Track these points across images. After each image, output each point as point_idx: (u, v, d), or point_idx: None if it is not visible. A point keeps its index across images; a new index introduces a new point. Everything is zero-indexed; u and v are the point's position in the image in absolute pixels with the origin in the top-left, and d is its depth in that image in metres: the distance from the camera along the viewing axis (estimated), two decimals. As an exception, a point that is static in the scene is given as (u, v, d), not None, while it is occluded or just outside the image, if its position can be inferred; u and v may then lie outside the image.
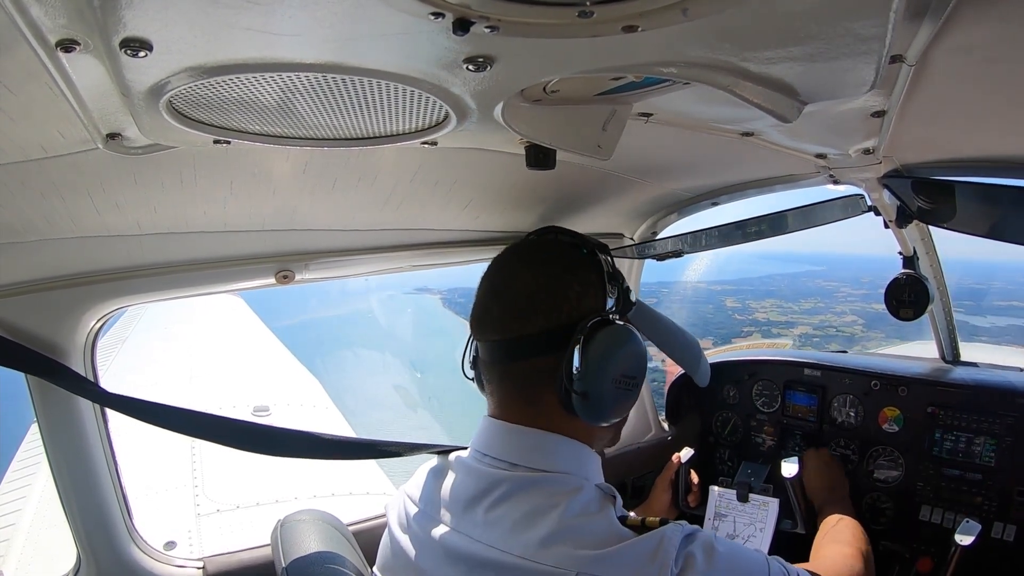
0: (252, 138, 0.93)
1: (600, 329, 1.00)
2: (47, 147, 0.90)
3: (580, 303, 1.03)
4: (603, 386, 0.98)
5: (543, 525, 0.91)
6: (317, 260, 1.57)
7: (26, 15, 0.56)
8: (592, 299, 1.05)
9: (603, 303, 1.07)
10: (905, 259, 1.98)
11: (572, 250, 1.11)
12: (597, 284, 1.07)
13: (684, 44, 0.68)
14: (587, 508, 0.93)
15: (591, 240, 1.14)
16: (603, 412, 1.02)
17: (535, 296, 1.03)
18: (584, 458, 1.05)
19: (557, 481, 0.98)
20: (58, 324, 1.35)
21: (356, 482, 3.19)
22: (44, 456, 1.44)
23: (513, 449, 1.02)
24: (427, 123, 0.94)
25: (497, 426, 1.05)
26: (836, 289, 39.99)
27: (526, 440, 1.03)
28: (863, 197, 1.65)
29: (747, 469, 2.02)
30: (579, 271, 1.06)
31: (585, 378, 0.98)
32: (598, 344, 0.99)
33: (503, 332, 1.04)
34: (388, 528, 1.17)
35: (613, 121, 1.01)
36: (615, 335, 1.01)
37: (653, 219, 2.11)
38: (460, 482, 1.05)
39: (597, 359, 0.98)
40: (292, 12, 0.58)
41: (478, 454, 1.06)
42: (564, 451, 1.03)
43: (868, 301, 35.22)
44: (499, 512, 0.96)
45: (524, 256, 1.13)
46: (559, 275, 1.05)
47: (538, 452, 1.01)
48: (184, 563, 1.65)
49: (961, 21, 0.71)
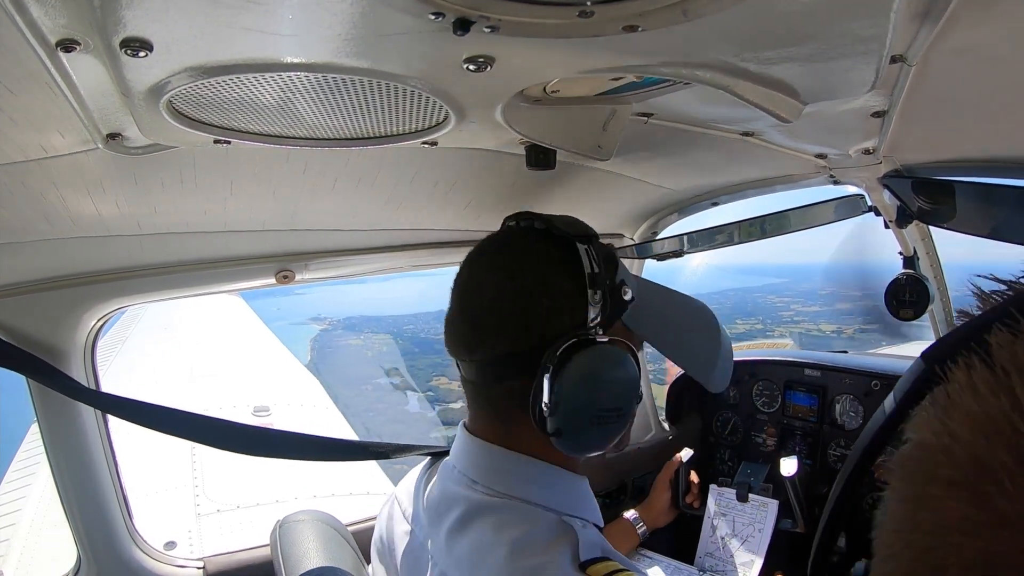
0: (252, 138, 0.93)
1: (574, 354, 0.82)
2: (47, 147, 0.90)
3: (551, 319, 0.85)
4: (578, 422, 0.83)
5: (487, 566, 0.81)
6: (317, 260, 1.57)
7: (26, 15, 0.56)
8: (567, 313, 0.85)
9: (582, 316, 0.85)
10: (905, 259, 1.98)
11: (546, 246, 0.89)
12: (574, 293, 0.86)
13: (684, 44, 0.68)
14: (533, 548, 0.80)
15: (564, 227, 0.90)
16: (581, 447, 0.87)
17: (499, 311, 0.87)
18: (555, 483, 0.91)
19: (512, 510, 0.87)
20: (58, 324, 1.35)
21: (356, 482, 3.19)
22: (44, 456, 1.45)
23: (475, 466, 0.93)
24: (427, 123, 0.94)
25: (466, 439, 0.96)
26: (785, 306, 38.74)
27: (489, 459, 0.92)
28: (863, 197, 1.65)
29: (747, 469, 2.02)
30: (552, 277, 0.87)
31: (557, 412, 0.82)
32: (570, 374, 0.81)
33: (468, 352, 0.91)
34: (377, 527, 1.14)
35: (613, 121, 1.01)
36: (592, 362, 0.83)
37: (653, 219, 2.10)
38: (434, 493, 0.99)
39: (570, 392, 0.82)
40: (292, 12, 0.58)
41: (450, 464, 0.99)
42: (529, 474, 0.90)
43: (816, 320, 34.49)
44: (454, 541, 0.89)
45: (490, 256, 0.94)
46: (527, 285, 0.86)
47: (499, 474, 0.91)
48: (184, 563, 1.65)
49: (961, 21, 0.71)
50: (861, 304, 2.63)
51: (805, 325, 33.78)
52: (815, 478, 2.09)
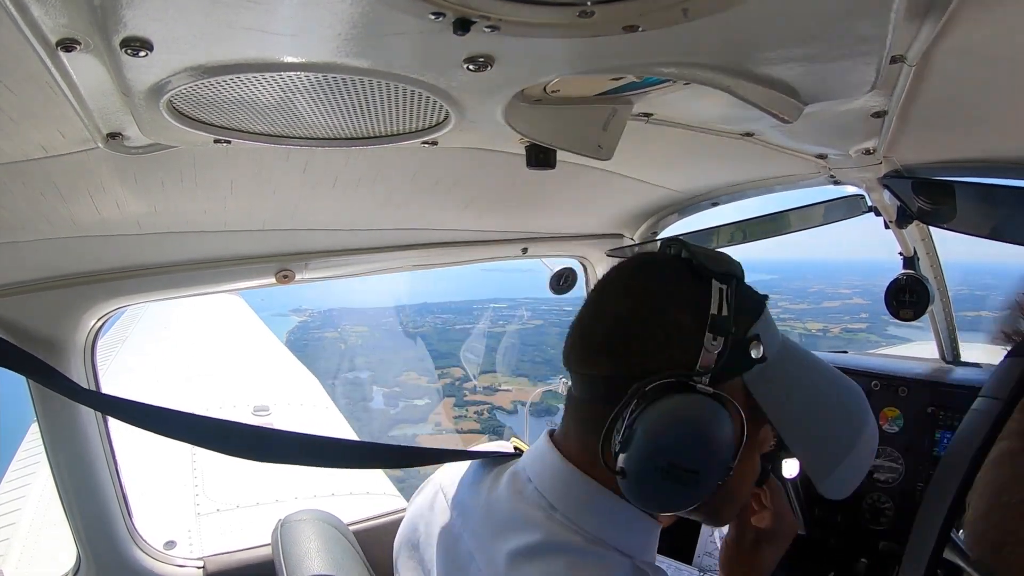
0: (252, 138, 0.93)
1: (664, 396, 0.74)
2: (47, 147, 0.90)
3: (658, 353, 0.78)
4: (644, 471, 0.75)
5: None
6: (317, 260, 1.57)
7: (26, 14, 0.56)
8: (677, 350, 0.77)
9: (692, 357, 0.76)
10: (905, 260, 1.98)
11: (677, 276, 0.82)
12: (691, 333, 0.77)
13: (684, 44, 0.68)
14: None
15: (709, 261, 0.82)
16: (643, 498, 0.79)
17: (611, 331, 0.82)
18: (633, 525, 0.85)
19: (590, 553, 0.80)
20: (58, 324, 1.35)
21: (356, 482, 3.19)
22: (44, 456, 1.45)
23: (557, 488, 0.86)
24: (427, 123, 0.94)
25: (550, 452, 0.89)
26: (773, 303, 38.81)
27: (572, 484, 0.85)
28: (863, 197, 1.65)
29: None
30: (672, 309, 0.79)
31: (626, 453, 0.76)
32: (648, 416, 0.74)
33: (576, 364, 0.86)
34: (411, 511, 1.07)
35: (613, 121, 1.01)
36: (677, 409, 0.74)
37: (653, 219, 2.11)
38: (501, 505, 0.90)
39: (642, 435, 0.74)
40: (292, 12, 0.58)
41: (526, 476, 0.90)
42: (611, 512, 0.83)
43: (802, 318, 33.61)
44: (519, 567, 0.82)
45: (627, 275, 0.88)
46: (644, 312, 0.80)
47: (581, 505, 0.84)
48: (184, 563, 1.65)
49: (962, 21, 0.71)
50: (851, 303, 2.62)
51: (791, 323, 33.31)
52: None
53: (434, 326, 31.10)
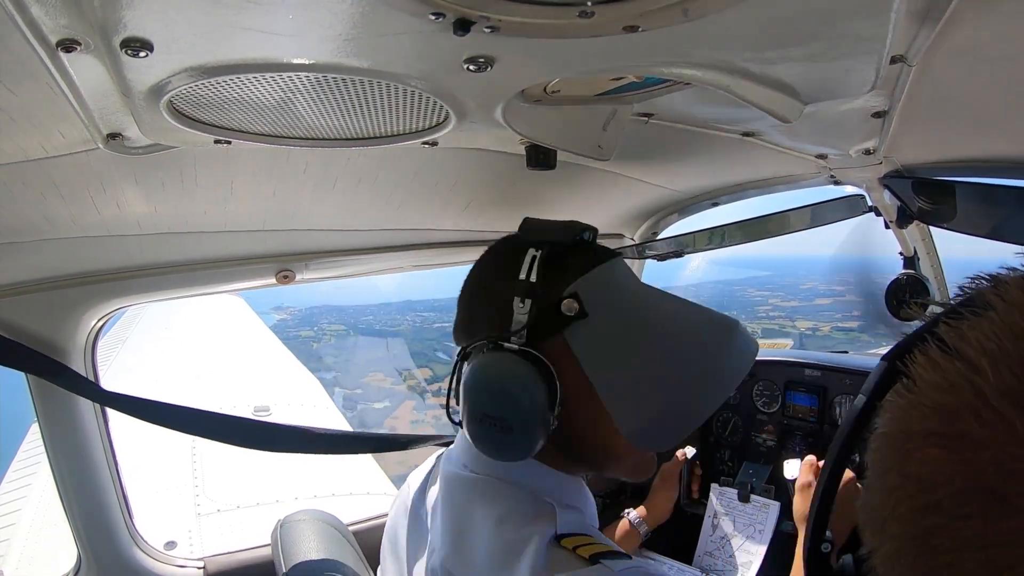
0: (252, 138, 0.93)
1: (477, 355, 0.85)
2: (47, 147, 0.90)
3: (483, 320, 0.87)
4: (467, 420, 0.85)
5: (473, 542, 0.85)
6: (317, 260, 1.57)
7: (26, 14, 0.56)
8: (496, 315, 0.85)
9: (508, 319, 0.84)
10: (906, 259, 1.98)
11: (506, 249, 0.91)
12: (504, 295, 0.84)
13: (684, 44, 0.68)
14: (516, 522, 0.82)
15: (528, 235, 0.90)
16: (480, 447, 0.86)
17: (461, 312, 0.93)
18: (537, 474, 0.90)
19: (496, 489, 0.89)
20: (58, 324, 1.35)
21: (356, 482, 3.19)
22: (44, 455, 1.45)
23: (466, 451, 0.95)
24: (427, 123, 0.94)
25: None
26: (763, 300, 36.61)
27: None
28: (863, 197, 1.65)
29: (748, 469, 2.02)
30: (494, 283, 0.88)
31: (461, 409, 0.87)
32: (466, 374, 0.85)
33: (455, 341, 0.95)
34: (391, 514, 1.15)
35: (613, 121, 1.01)
36: (482, 365, 0.83)
37: (653, 219, 2.11)
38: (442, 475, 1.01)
39: (461, 391, 0.85)
40: (292, 12, 0.58)
41: (452, 449, 1.02)
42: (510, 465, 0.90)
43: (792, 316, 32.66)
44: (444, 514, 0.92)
45: (479, 260, 0.97)
46: (476, 290, 0.92)
47: (483, 459, 0.91)
48: (184, 563, 1.65)
49: (962, 21, 0.71)
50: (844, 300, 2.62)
51: (780, 321, 32.52)
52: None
53: (413, 324, 30.53)
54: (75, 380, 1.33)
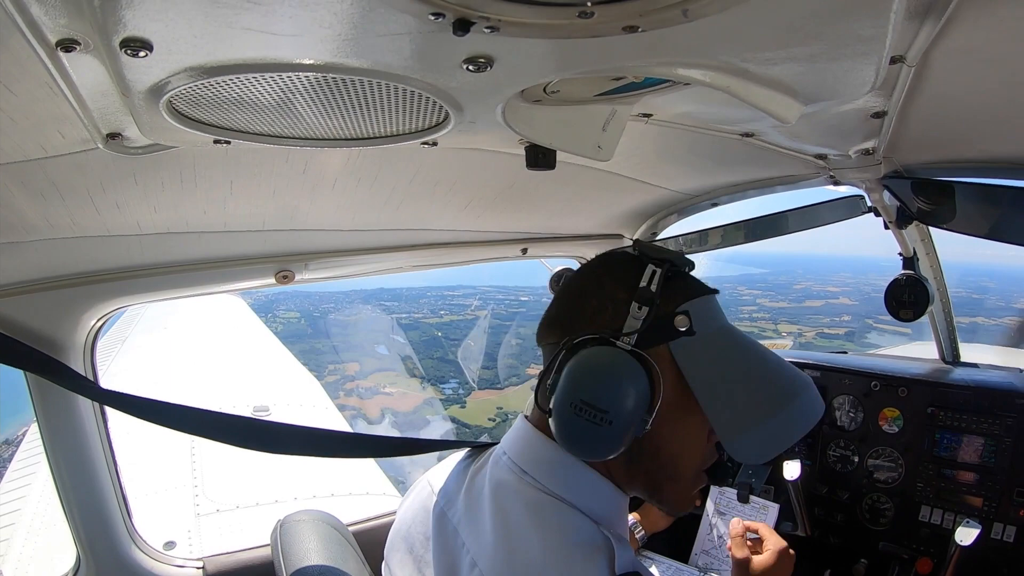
0: (252, 138, 0.93)
1: (584, 347, 0.88)
2: (47, 147, 0.90)
3: (594, 319, 0.91)
4: (561, 407, 0.86)
5: (523, 564, 0.85)
6: (317, 260, 1.57)
7: (26, 14, 0.56)
8: (608, 316, 0.90)
9: (620, 322, 0.89)
10: (905, 260, 1.98)
11: (624, 261, 0.96)
12: (621, 300, 0.90)
13: (684, 44, 0.68)
14: (572, 554, 0.84)
15: (655, 251, 0.94)
16: (564, 438, 0.88)
17: (564, 306, 0.97)
18: (595, 490, 0.93)
19: (558, 513, 0.90)
20: (58, 324, 1.35)
21: (356, 482, 3.19)
22: (44, 456, 1.45)
23: (526, 454, 0.97)
24: (427, 123, 0.94)
25: (522, 427, 1.00)
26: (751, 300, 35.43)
27: (538, 448, 0.96)
28: (863, 198, 1.65)
29: (748, 470, 2.02)
30: (608, 284, 0.93)
31: (554, 394, 0.88)
32: (572, 362, 0.87)
33: (540, 338, 1.00)
34: (401, 511, 1.14)
35: (613, 121, 1.01)
36: (594, 356, 0.86)
37: (653, 219, 2.11)
38: (480, 481, 1.01)
39: (564, 376, 0.87)
40: (292, 12, 0.58)
41: (502, 451, 1.01)
42: (570, 473, 0.93)
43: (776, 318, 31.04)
44: (494, 531, 0.91)
45: (582, 268, 1.04)
46: (586, 288, 0.95)
47: (546, 465, 0.94)
48: (184, 563, 1.65)
49: (961, 22, 0.72)
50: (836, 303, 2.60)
51: (762, 323, 31.36)
52: (815, 479, 2.09)
53: (371, 314, 29.08)
54: (75, 379, 1.33)
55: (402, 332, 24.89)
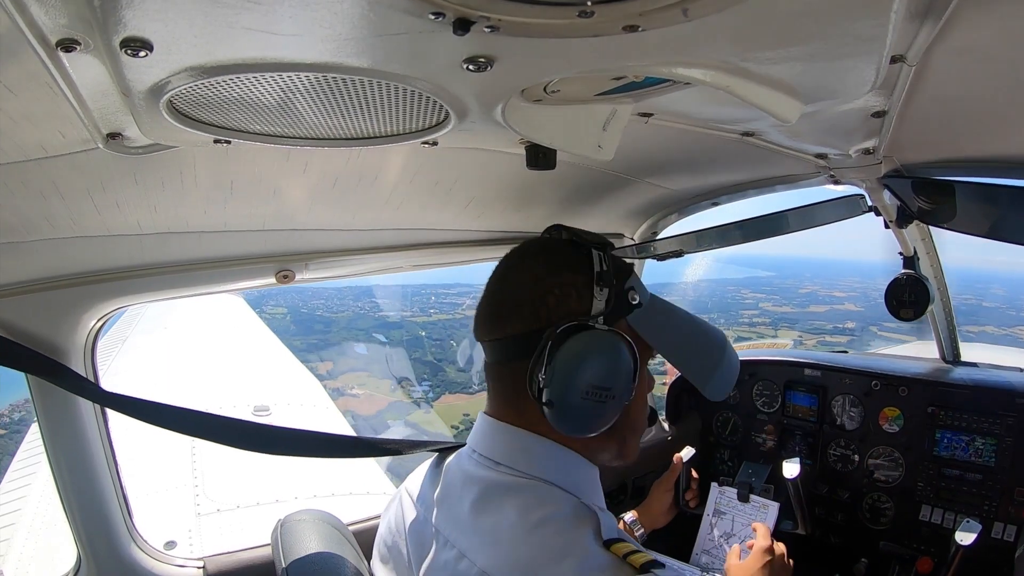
0: (252, 138, 0.93)
1: (571, 335, 0.92)
2: (47, 147, 0.90)
3: (559, 306, 0.96)
4: (568, 396, 0.91)
5: (512, 546, 0.88)
6: (317, 260, 1.57)
7: (26, 15, 0.56)
8: (574, 302, 0.96)
9: (587, 306, 0.96)
10: (905, 259, 1.98)
11: (564, 249, 1.03)
12: (582, 285, 0.97)
13: (684, 44, 0.68)
14: (559, 528, 0.89)
15: (587, 237, 1.03)
16: (571, 423, 0.95)
17: (516, 298, 1.00)
18: (571, 467, 1.00)
19: (536, 491, 0.95)
20: (58, 324, 1.35)
21: (356, 482, 3.19)
22: (44, 455, 1.45)
23: (496, 447, 1.01)
24: (427, 123, 0.94)
25: (487, 422, 1.05)
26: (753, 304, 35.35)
27: (508, 439, 1.01)
28: (863, 197, 1.65)
29: (748, 469, 2.02)
30: (564, 272, 0.99)
31: (551, 386, 0.92)
32: (565, 351, 0.91)
33: (488, 333, 1.02)
34: (383, 522, 1.18)
35: (613, 121, 1.01)
36: (585, 342, 0.92)
37: (653, 219, 2.11)
38: (449, 478, 1.06)
39: (562, 367, 0.91)
40: (292, 12, 0.58)
41: (470, 450, 1.06)
42: (545, 455, 0.99)
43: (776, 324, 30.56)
44: (476, 520, 0.94)
45: (518, 256, 1.08)
46: (542, 276, 0.99)
47: (519, 453, 0.99)
48: (184, 563, 1.65)
49: (961, 21, 0.71)
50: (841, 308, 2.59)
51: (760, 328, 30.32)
52: (815, 478, 2.09)
53: (355, 311, 28.94)
54: (75, 380, 1.33)
55: (384, 331, 24.66)
